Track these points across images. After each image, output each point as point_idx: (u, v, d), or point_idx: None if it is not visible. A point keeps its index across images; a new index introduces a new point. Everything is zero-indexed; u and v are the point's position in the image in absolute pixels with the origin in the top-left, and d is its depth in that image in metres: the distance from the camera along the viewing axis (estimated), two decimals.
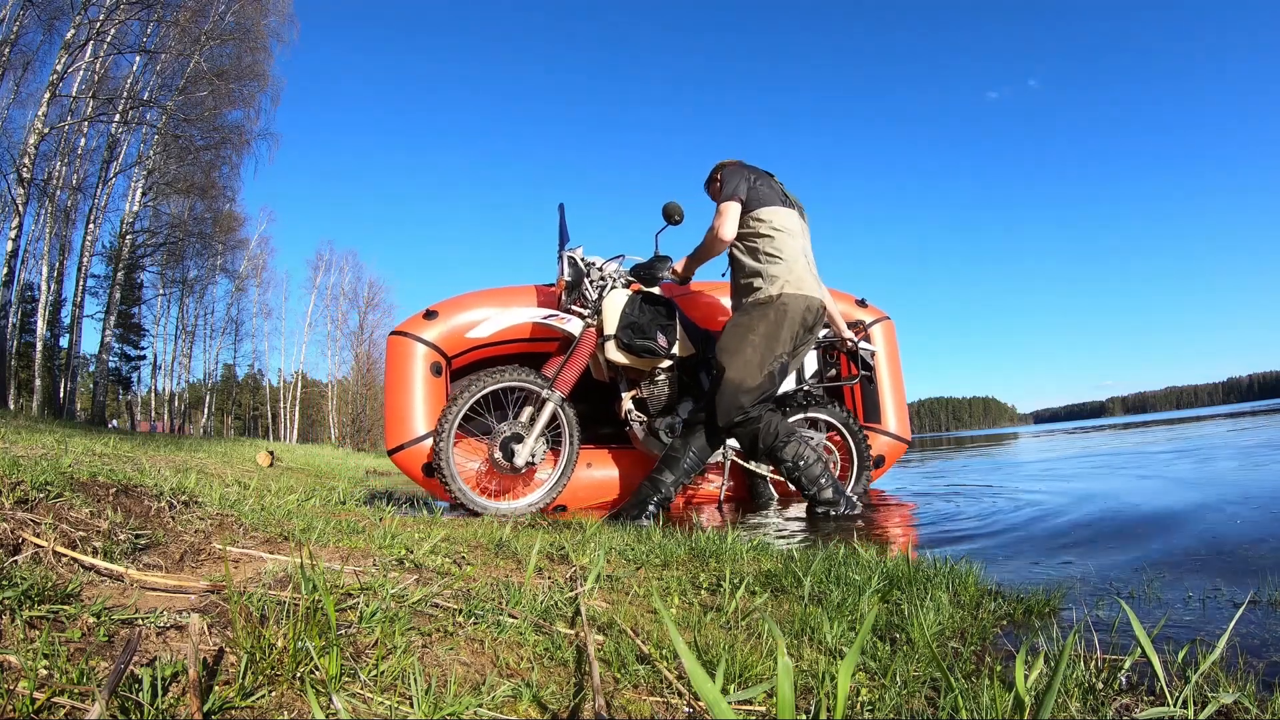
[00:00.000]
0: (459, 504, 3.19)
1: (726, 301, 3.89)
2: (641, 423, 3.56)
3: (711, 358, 3.42)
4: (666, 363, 3.49)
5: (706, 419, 3.12)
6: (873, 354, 3.90)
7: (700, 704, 0.86)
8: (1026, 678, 0.80)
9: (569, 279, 3.46)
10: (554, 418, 3.32)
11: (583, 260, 3.49)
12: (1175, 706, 0.83)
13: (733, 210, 3.14)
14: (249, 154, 18.56)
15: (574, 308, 3.47)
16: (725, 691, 0.87)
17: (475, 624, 1.03)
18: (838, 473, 3.76)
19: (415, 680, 0.80)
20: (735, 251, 3.27)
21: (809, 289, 3.11)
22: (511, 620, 1.06)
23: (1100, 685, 0.91)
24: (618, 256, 3.55)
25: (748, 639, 1.08)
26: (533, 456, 3.24)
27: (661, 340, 3.31)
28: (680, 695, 0.89)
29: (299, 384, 35.26)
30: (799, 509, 3.37)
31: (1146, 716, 0.83)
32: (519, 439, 3.23)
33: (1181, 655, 0.97)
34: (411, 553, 1.42)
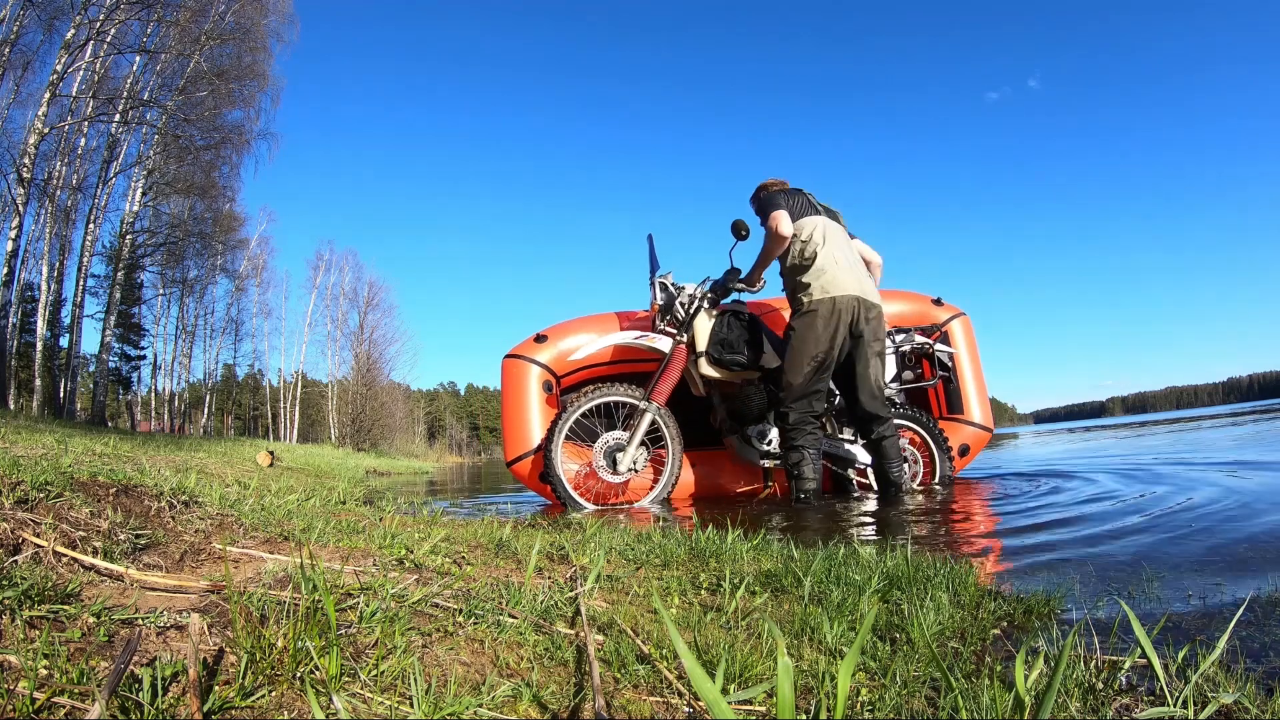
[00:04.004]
0: (567, 506, 3.41)
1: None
2: (736, 431, 3.84)
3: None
4: (755, 375, 3.76)
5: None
6: (950, 355, 4.15)
7: (700, 704, 0.86)
8: (1026, 678, 0.80)
9: (661, 302, 3.79)
10: (654, 426, 3.60)
11: (673, 285, 3.82)
12: (1175, 706, 0.83)
13: (783, 214, 3.60)
14: (249, 154, 18.51)
15: (666, 329, 3.79)
16: (725, 691, 0.86)
17: (475, 624, 1.03)
18: (922, 468, 4.02)
19: (415, 680, 0.80)
20: (783, 271, 3.67)
21: (841, 288, 3.42)
22: (511, 620, 1.06)
23: (1100, 685, 0.91)
24: (705, 280, 3.88)
25: (748, 639, 1.08)
26: (634, 464, 3.52)
27: (749, 354, 3.62)
28: (680, 695, 0.88)
29: (299, 384, 35.26)
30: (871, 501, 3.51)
31: (1146, 716, 0.83)
32: (620, 449, 3.52)
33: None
34: (411, 553, 1.42)
